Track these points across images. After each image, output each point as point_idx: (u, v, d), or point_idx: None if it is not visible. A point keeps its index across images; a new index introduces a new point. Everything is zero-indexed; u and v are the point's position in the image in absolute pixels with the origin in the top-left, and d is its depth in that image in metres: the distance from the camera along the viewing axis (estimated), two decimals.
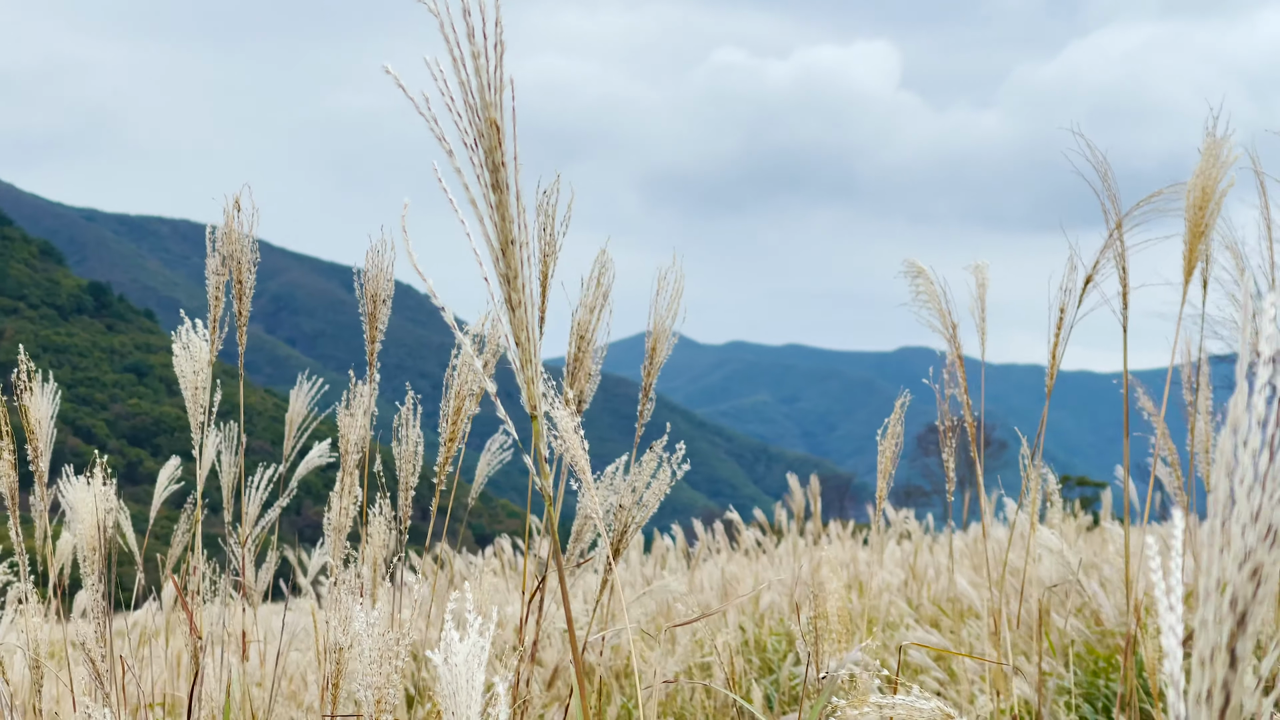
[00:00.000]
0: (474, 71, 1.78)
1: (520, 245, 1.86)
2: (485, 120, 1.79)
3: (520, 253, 1.86)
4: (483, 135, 1.80)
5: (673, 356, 3.64)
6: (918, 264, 4.50)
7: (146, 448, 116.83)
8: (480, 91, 1.79)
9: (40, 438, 3.92)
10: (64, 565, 4.92)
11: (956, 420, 4.32)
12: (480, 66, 1.78)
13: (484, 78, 1.78)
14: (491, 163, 1.81)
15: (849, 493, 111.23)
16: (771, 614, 10.85)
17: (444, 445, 3.69)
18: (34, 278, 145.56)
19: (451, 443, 3.68)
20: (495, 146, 1.80)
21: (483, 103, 1.79)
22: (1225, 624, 1.09)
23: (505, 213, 1.83)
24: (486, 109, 1.78)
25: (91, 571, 3.64)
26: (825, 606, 3.02)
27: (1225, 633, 1.09)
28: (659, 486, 3.01)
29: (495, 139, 1.79)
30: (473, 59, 1.79)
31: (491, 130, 1.79)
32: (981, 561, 11.56)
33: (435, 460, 3.93)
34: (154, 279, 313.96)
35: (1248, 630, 1.10)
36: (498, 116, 1.79)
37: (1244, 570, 1.09)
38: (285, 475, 4.65)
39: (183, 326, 4.02)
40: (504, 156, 1.81)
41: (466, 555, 13.35)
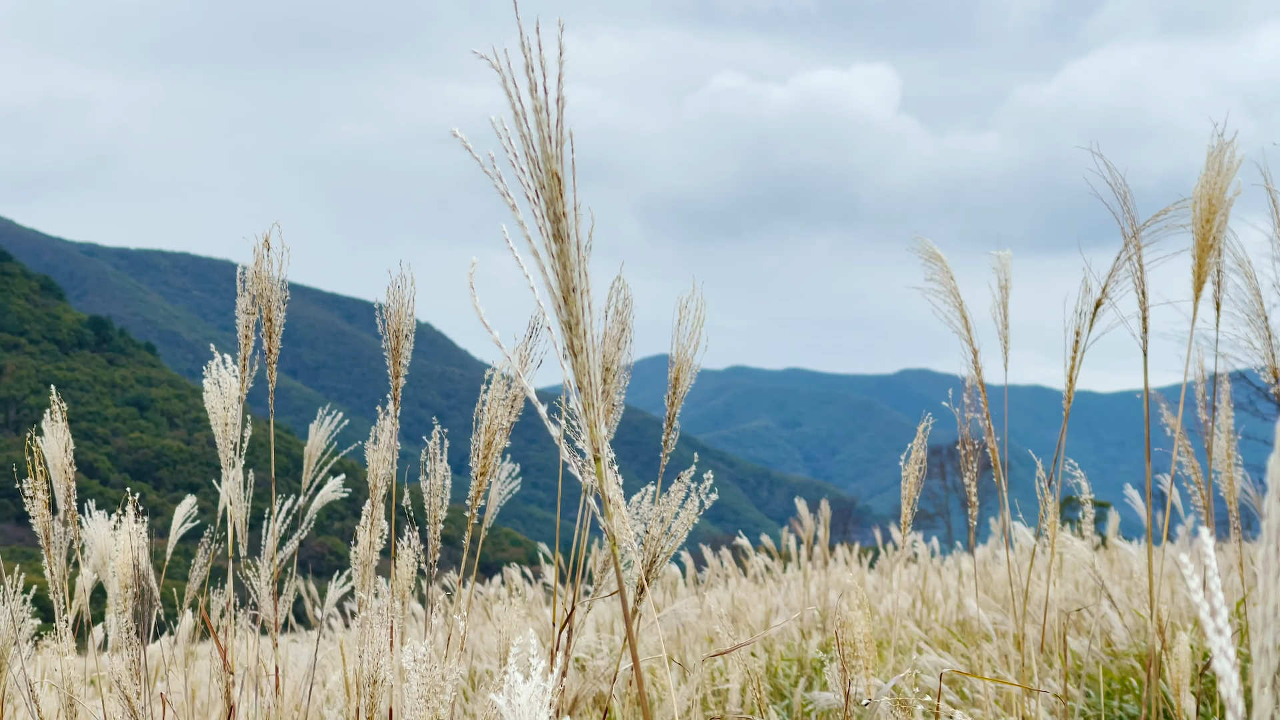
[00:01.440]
0: (535, 126, 1.81)
1: (581, 293, 1.88)
2: (547, 173, 1.82)
3: (581, 300, 1.88)
4: (544, 187, 1.83)
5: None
6: (931, 247, 4.45)
7: (149, 481, 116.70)
8: (542, 145, 1.82)
9: (70, 478, 3.95)
10: (83, 602, 4.95)
11: (976, 444, 4.33)
12: (542, 121, 1.81)
13: (545, 131, 1.81)
14: (553, 213, 1.84)
15: (852, 516, 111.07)
16: (781, 639, 10.85)
17: (475, 479, 3.71)
18: (34, 313, 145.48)
19: (483, 476, 3.70)
20: (556, 197, 1.83)
21: (544, 155, 1.82)
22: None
23: (566, 261, 1.86)
24: (548, 161, 1.81)
25: (125, 608, 3.67)
26: (852, 633, 3.04)
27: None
28: (687, 517, 3.03)
29: (556, 190, 1.82)
30: (534, 113, 1.82)
31: (553, 182, 1.82)
32: (990, 584, 11.56)
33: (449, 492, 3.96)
34: (154, 312, 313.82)
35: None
36: (559, 169, 1.82)
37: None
38: (304, 508, 4.68)
39: (212, 362, 4.05)
40: (565, 207, 1.84)
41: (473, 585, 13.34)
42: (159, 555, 6.20)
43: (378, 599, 3.65)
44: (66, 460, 4.11)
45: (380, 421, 4.24)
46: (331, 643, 10.83)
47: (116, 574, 3.78)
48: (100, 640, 7.67)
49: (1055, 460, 4.21)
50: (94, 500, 4.84)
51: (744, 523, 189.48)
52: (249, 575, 4.52)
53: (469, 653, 6.54)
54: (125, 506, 3.93)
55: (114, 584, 3.82)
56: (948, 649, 9.41)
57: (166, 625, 6.96)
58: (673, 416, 3.58)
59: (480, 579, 16.72)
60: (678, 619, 10.45)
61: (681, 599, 13.56)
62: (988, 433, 4.18)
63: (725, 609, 11.70)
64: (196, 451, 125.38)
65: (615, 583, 3.53)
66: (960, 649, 8.93)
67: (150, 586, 5.23)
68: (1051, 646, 6.72)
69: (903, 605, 11.38)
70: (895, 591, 11.66)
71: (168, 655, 6.79)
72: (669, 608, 8.92)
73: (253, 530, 4.70)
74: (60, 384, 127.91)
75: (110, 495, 79.76)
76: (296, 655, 11.30)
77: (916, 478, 4.09)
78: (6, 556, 4.44)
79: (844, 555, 15.03)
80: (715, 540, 18.45)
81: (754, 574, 15.37)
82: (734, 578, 14.55)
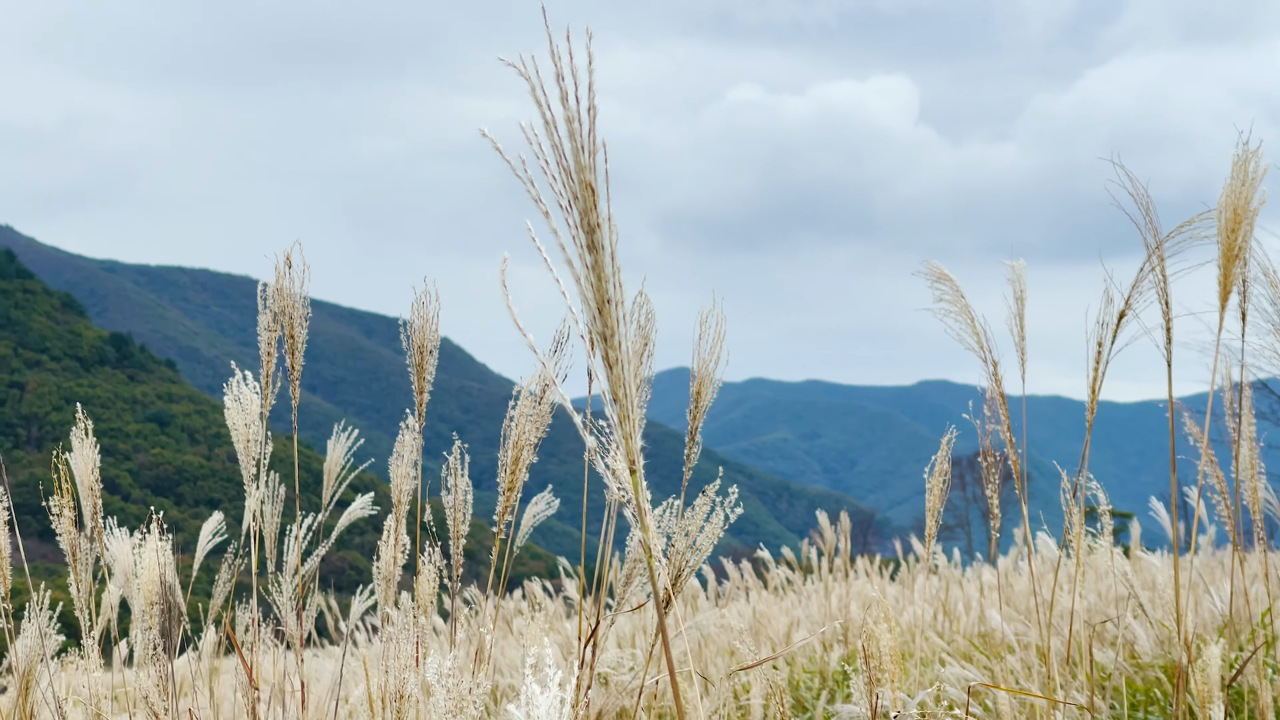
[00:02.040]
0: (567, 135, 1.79)
1: (616, 304, 1.87)
2: (580, 183, 1.80)
3: (616, 311, 1.87)
4: (577, 197, 1.81)
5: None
6: (940, 268, 4.44)
7: (170, 497, 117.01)
8: (575, 155, 1.80)
9: (96, 495, 3.96)
10: (110, 618, 4.96)
11: (997, 455, 4.31)
12: (574, 130, 1.79)
13: (578, 141, 1.79)
14: (587, 224, 1.82)
15: (872, 527, 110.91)
16: (803, 651, 10.84)
17: (503, 495, 3.71)
18: (56, 330, 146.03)
19: (510, 493, 3.70)
20: (590, 208, 1.81)
21: (577, 165, 1.80)
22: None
23: (601, 273, 1.84)
24: (581, 172, 1.80)
25: (151, 624, 3.68)
26: (877, 645, 3.04)
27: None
28: (712, 530, 3.03)
29: (590, 201, 1.81)
30: (566, 123, 1.80)
31: (586, 193, 1.80)
32: (1012, 596, 11.53)
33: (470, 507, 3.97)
34: (174, 329, 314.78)
35: None
36: (592, 179, 1.80)
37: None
38: (325, 524, 4.68)
39: (233, 379, 4.06)
40: (599, 218, 1.82)
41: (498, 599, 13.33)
42: (183, 571, 6.21)
43: (401, 614, 3.65)
44: (93, 478, 4.13)
45: (402, 437, 4.25)
46: (355, 657, 10.83)
47: (142, 590, 3.79)
48: (126, 656, 7.69)
49: (1079, 471, 4.19)
50: (115, 516, 4.86)
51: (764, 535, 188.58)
52: (273, 590, 4.53)
53: (492, 667, 6.53)
54: (150, 523, 3.95)
55: (139, 600, 3.84)
56: (971, 661, 9.39)
57: (191, 641, 6.98)
58: (695, 431, 3.58)
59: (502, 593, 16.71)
60: (699, 632, 10.45)
61: (703, 612, 13.55)
62: (1008, 444, 4.17)
63: (747, 622, 11.68)
64: (217, 467, 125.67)
65: (638, 597, 3.53)
66: (983, 661, 8.91)
67: (176, 602, 5.24)
68: (1076, 658, 6.70)
69: (925, 617, 11.36)
70: (917, 603, 11.64)
71: (193, 670, 6.80)
72: (690, 620, 8.90)
73: (278, 545, 4.71)
74: (81, 401, 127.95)
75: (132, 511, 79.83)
76: (320, 670, 11.31)
77: (941, 489, 4.08)
78: (31, 573, 4.45)
79: (865, 567, 15.01)
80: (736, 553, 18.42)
81: (775, 586, 15.36)
82: (755, 590, 14.54)
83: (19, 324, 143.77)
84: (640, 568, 3.45)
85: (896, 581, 15.41)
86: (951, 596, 12.06)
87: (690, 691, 2.16)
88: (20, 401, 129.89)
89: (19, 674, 4.04)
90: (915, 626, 10.94)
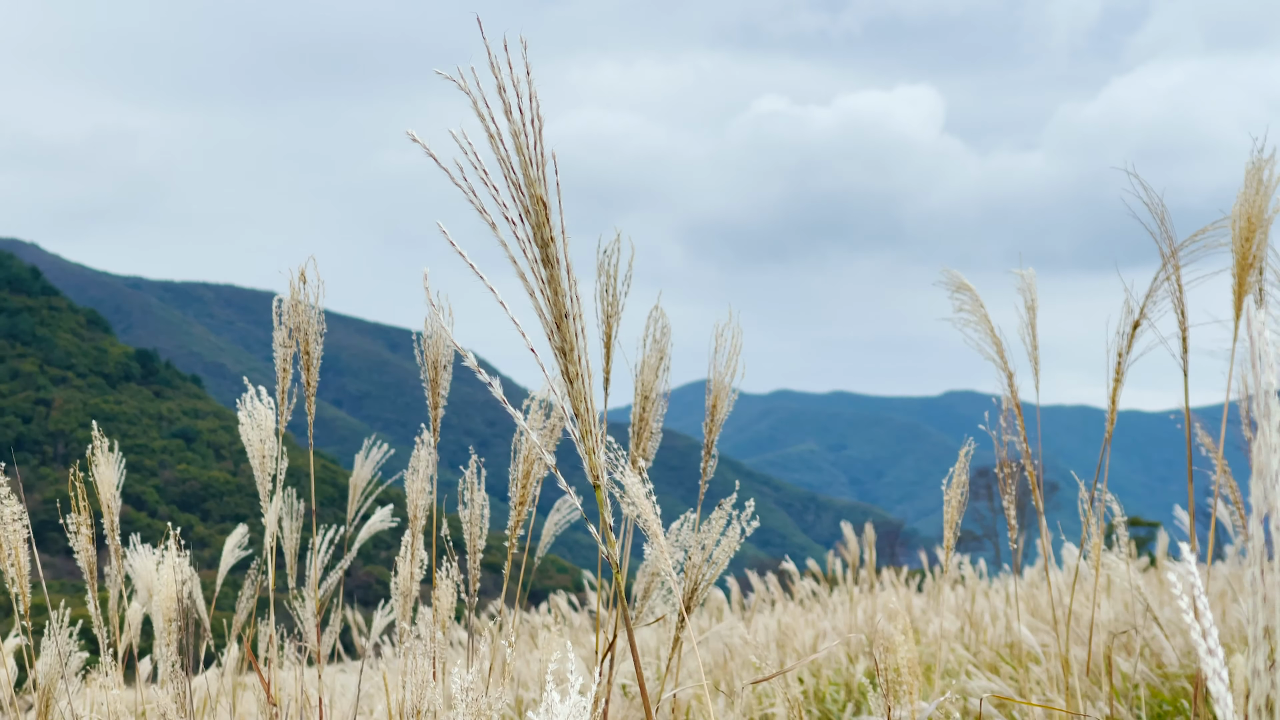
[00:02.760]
0: (514, 149, 1.73)
1: (574, 318, 1.81)
2: (531, 197, 1.74)
3: (574, 325, 1.81)
4: (529, 211, 1.75)
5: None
6: (960, 277, 4.42)
7: (196, 513, 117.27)
8: (523, 169, 1.74)
9: (113, 513, 3.97)
10: (133, 634, 4.97)
11: (1015, 466, 4.30)
12: (521, 144, 1.73)
13: (525, 154, 1.73)
14: (540, 238, 1.76)
15: (899, 539, 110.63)
16: (829, 663, 10.81)
17: (514, 509, 3.71)
18: (81, 347, 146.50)
19: (521, 506, 3.70)
20: (543, 223, 1.75)
21: (526, 180, 1.74)
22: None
23: (558, 287, 1.79)
24: (531, 186, 1.74)
25: (171, 641, 3.69)
26: (895, 657, 3.03)
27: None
28: (729, 544, 3.02)
29: (542, 215, 1.75)
30: (512, 136, 1.74)
31: (538, 207, 1.74)
32: (1038, 606, 11.49)
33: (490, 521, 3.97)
34: (199, 344, 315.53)
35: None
36: (543, 192, 1.74)
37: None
38: (348, 538, 4.69)
39: (247, 394, 4.07)
40: (553, 232, 1.76)
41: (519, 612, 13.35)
42: (209, 587, 6.22)
43: (417, 629, 3.65)
44: (110, 495, 4.13)
45: (417, 451, 4.25)
46: (378, 672, 10.84)
47: (160, 607, 3.79)
48: (148, 673, 7.70)
49: (1095, 481, 4.18)
50: (141, 532, 4.87)
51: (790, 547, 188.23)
52: (295, 606, 4.53)
53: (514, 681, 6.53)
54: (168, 539, 3.95)
55: (159, 617, 3.84)
56: (996, 672, 9.35)
57: (215, 656, 6.99)
58: (711, 443, 3.57)
59: (526, 606, 16.73)
60: (723, 644, 10.43)
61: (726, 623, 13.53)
62: (1025, 455, 4.16)
63: (772, 634, 11.66)
64: (243, 483, 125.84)
65: (656, 610, 3.53)
66: (1009, 671, 8.87)
67: (199, 618, 5.25)
68: (1100, 668, 6.67)
69: (950, 628, 11.32)
70: (942, 614, 11.60)
71: (215, 687, 6.81)
72: (712, 629, 8.88)
73: (300, 560, 4.71)
74: (107, 417, 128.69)
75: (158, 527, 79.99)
76: (344, 685, 11.32)
77: (959, 501, 4.07)
78: (55, 590, 4.46)
79: (890, 578, 14.97)
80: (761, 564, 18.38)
81: (800, 598, 15.33)
82: (780, 602, 14.51)
83: (45, 341, 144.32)
84: (658, 581, 3.45)
85: (923, 593, 15.37)
86: (978, 607, 12.02)
87: (712, 704, 2.15)
88: (46, 419, 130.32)
89: (40, 691, 4.05)
90: (941, 638, 10.91)
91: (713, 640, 10.81)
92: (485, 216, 1.76)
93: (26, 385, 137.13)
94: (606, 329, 3.33)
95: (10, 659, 4.80)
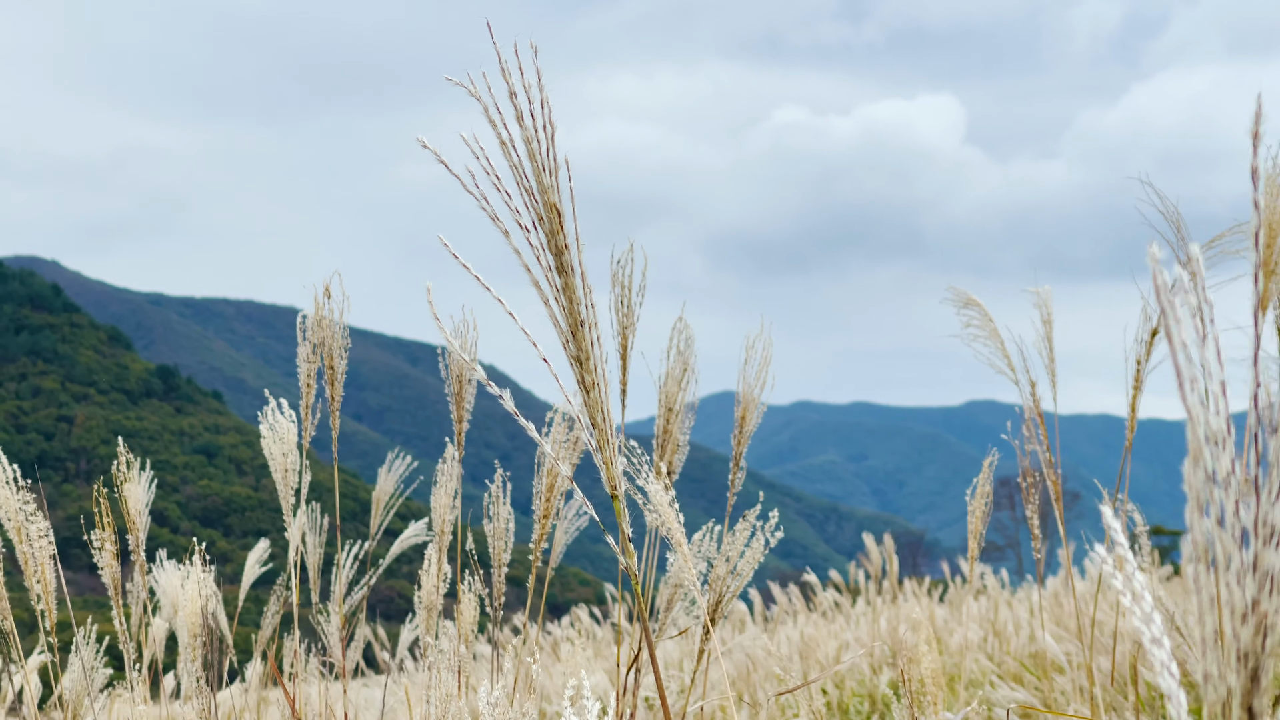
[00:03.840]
0: (526, 155, 1.71)
1: (590, 326, 1.79)
2: (544, 204, 1.72)
3: (590, 334, 1.80)
4: (542, 219, 1.73)
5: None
6: (967, 293, 4.41)
7: (218, 528, 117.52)
8: (536, 175, 1.72)
9: (140, 528, 3.99)
10: (156, 650, 4.98)
11: (1037, 476, 4.29)
12: (533, 150, 1.71)
13: (538, 161, 1.71)
14: (554, 246, 1.74)
15: (921, 549, 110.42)
16: (852, 675, 10.79)
17: (538, 522, 3.71)
18: (103, 363, 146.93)
19: (545, 519, 3.70)
20: (557, 230, 1.73)
21: (540, 186, 1.73)
22: (1236, 678, 1.00)
23: (573, 295, 1.77)
24: (544, 193, 1.72)
25: (195, 657, 3.70)
26: (919, 668, 3.03)
27: (1239, 688, 1.01)
28: (753, 555, 3.02)
29: (556, 222, 1.73)
30: (524, 143, 1.72)
31: (551, 214, 1.73)
32: (1062, 616, 11.46)
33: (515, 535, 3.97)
34: (220, 360, 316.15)
35: (1261, 685, 1.02)
36: (556, 199, 1.73)
37: (1249, 624, 1.01)
38: (372, 553, 4.70)
39: (268, 408, 4.08)
40: (567, 239, 1.75)
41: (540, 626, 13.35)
42: (231, 602, 6.23)
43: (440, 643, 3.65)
44: (138, 512, 4.14)
45: (441, 466, 4.26)
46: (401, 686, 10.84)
47: (184, 623, 3.81)
48: (173, 689, 7.72)
49: (1115, 490, 4.17)
50: (164, 548, 4.88)
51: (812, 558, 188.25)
52: (320, 620, 4.54)
53: (538, 694, 6.53)
54: (192, 555, 3.97)
55: (183, 632, 3.85)
56: (1020, 682, 9.33)
57: (240, 672, 7.00)
58: (739, 455, 3.57)
59: (549, 619, 16.72)
60: (747, 656, 10.42)
61: (749, 635, 13.51)
62: (1046, 464, 4.15)
63: (795, 646, 11.64)
64: (265, 498, 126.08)
65: (680, 623, 3.53)
66: (1033, 681, 8.84)
67: (222, 633, 5.26)
68: (1124, 677, 6.65)
69: (973, 638, 11.29)
70: (965, 625, 11.57)
71: (239, 703, 6.82)
72: (735, 640, 8.87)
73: (323, 575, 4.72)
74: (129, 433, 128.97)
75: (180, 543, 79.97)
76: (368, 699, 11.33)
77: (983, 511, 4.07)
78: (79, 606, 4.48)
79: (913, 589, 14.95)
80: (784, 576, 18.38)
81: (823, 609, 15.31)
82: (803, 614, 14.49)
83: (66, 358, 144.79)
84: (681, 593, 3.45)
85: (945, 603, 15.34)
86: (1001, 617, 11.99)
87: (736, 716, 2.14)
88: (69, 435, 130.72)
89: (66, 708, 4.06)
90: (964, 648, 10.88)
91: (736, 652, 10.80)
92: (498, 224, 1.74)
93: (49, 402, 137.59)
94: (622, 340, 3.32)
95: (34, 675, 4.82)
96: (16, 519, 3.86)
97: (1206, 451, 1.03)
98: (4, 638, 3.98)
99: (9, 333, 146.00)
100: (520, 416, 1.84)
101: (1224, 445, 1.05)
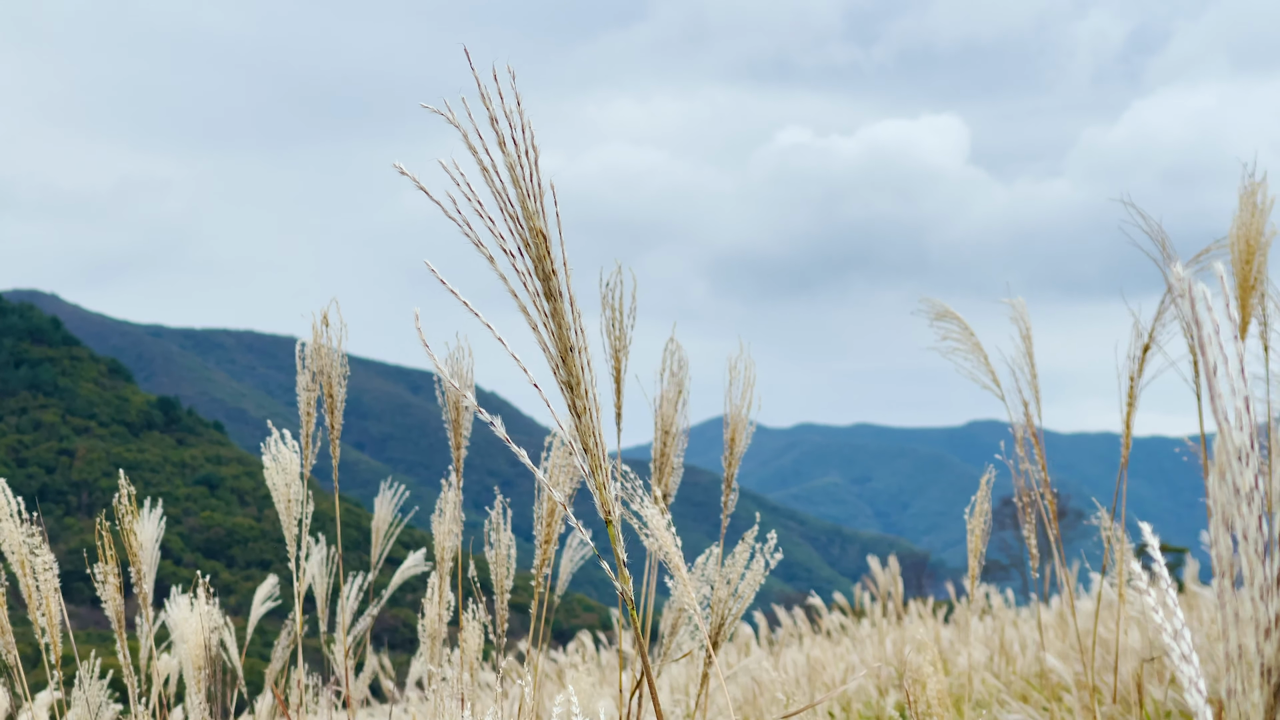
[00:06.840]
0: (510, 181, 1.71)
1: (579, 351, 1.80)
2: (530, 229, 1.72)
3: (580, 359, 1.80)
4: (528, 244, 1.73)
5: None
6: (943, 305, 4.40)
7: (221, 559, 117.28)
8: (521, 201, 1.72)
9: (145, 561, 3.99)
10: (166, 682, 4.98)
11: (1036, 495, 4.29)
12: (517, 176, 1.71)
13: (522, 186, 1.72)
14: (541, 271, 1.74)
15: (926, 570, 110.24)
16: (859, 697, 10.78)
17: (540, 548, 3.72)
18: (104, 395, 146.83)
19: (547, 544, 3.71)
20: (544, 255, 1.73)
21: (525, 212, 1.73)
22: (1259, 693, 1.00)
23: (561, 320, 1.77)
24: (529, 218, 1.72)
25: (200, 690, 3.70)
26: (925, 689, 3.03)
27: (1262, 704, 1.00)
28: (753, 577, 3.03)
29: (543, 247, 1.73)
30: (508, 169, 1.72)
31: (538, 239, 1.73)
32: (1067, 634, 11.44)
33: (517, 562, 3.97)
34: (221, 390, 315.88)
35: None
36: (542, 224, 1.73)
37: (1271, 640, 1.00)
38: (375, 583, 4.70)
39: (271, 439, 4.09)
40: (554, 264, 1.74)
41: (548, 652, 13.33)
42: (238, 634, 6.22)
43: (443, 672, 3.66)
44: (138, 544, 4.15)
45: (444, 494, 4.26)
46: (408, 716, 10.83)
47: (189, 656, 3.81)
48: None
49: (1113, 508, 4.18)
50: (167, 580, 4.87)
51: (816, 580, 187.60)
52: (330, 652, 4.54)
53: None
54: (196, 588, 3.97)
55: (188, 665, 3.85)
56: (1027, 701, 9.32)
57: (249, 704, 6.99)
58: (731, 477, 3.58)
59: (554, 646, 16.69)
60: (752, 679, 10.40)
61: (754, 658, 13.49)
62: (1043, 484, 4.16)
63: (801, 668, 11.63)
64: (267, 529, 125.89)
65: (684, 646, 3.53)
66: (1040, 701, 8.84)
67: (232, 665, 5.26)
68: (1130, 695, 6.65)
69: (979, 658, 11.28)
70: (970, 645, 11.56)
71: None
72: (740, 663, 8.86)
73: (329, 605, 4.72)
74: (130, 466, 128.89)
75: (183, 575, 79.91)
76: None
77: (982, 531, 4.07)
78: (83, 640, 4.48)
79: (918, 610, 14.93)
80: (788, 599, 18.35)
81: (828, 631, 15.29)
82: (808, 636, 14.47)
83: (66, 391, 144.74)
84: (685, 617, 3.45)
85: (951, 624, 15.32)
86: (1007, 637, 11.98)
87: None
88: (70, 469, 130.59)
89: None
90: (970, 669, 10.87)
91: (741, 675, 10.79)
92: (482, 250, 1.74)
93: (49, 436, 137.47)
94: (616, 364, 3.32)
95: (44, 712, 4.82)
96: (21, 552, 3.86)
97: (1234, 466, 1.02)
98: (9, 672, 3.98)
99: (9, 366, 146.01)
100: (511, 442, 1.84)
101: (1248, 460, 1.04)
